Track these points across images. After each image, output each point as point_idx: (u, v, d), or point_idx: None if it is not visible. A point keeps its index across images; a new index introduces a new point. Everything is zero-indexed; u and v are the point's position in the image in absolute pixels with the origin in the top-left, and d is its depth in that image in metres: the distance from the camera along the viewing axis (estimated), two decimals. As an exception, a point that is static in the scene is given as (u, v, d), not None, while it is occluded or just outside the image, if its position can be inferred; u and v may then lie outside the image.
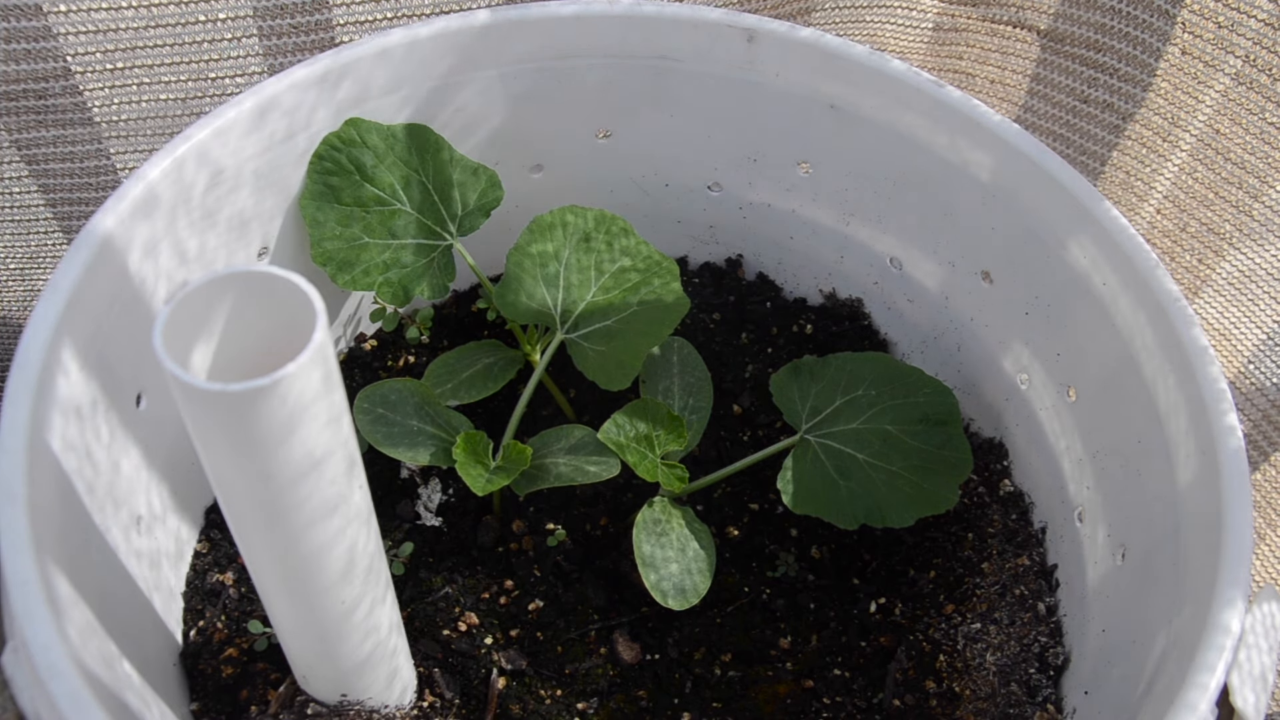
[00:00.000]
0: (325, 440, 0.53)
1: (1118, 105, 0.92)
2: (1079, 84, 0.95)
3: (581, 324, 0.86)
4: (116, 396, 0.70)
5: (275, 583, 0.63)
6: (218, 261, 0.79)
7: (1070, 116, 0.97)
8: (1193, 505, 0.68)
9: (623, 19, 0.86)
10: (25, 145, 0.92)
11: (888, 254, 0.95)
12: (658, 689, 0.81)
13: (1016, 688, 0.78)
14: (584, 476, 0.80)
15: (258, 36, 0.89)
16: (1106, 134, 0.95)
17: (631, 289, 0.86)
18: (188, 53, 0.89)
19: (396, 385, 0.83)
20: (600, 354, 0.84)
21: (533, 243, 0.87)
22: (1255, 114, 0.84)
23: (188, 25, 0.87)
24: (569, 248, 0.87)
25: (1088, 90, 0.94)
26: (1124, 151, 0.94)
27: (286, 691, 0.75)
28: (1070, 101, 0.96)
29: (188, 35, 0.88)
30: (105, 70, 0.87)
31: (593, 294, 0.86)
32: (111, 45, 0.86)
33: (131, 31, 0.86)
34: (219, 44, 0.89)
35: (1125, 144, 0.94)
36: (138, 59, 0.88)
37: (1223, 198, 0.89)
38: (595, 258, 0.87)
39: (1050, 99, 0.98)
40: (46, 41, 0.84)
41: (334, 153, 0.83)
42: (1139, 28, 0.88)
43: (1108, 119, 0.94)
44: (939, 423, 0.86)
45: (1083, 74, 0.94)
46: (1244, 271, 0.91)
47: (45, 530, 0.59)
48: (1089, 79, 0.93)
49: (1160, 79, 0.89)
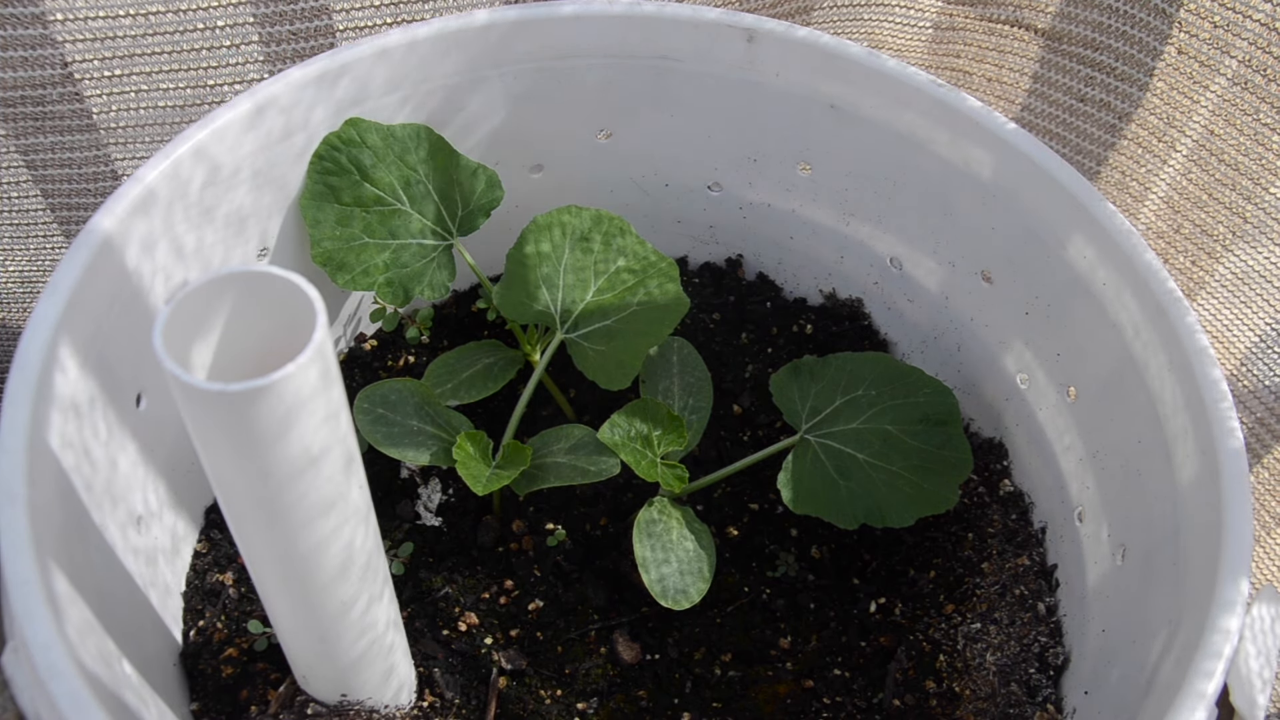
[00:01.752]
0: (323, 438, 0.53)
1: (1115, 105, 0.92)
2: (1076, 82, 0.95)
3: (581, 324, 0.86)
4: (116, 396, 0.70)
5: (274, 580, 0.63)
6: (215, 258, 0.79)
7: (1067, 115, 0.97)
8: (1193, 505, 0.68)
9: (623, 19, 0.86)
10: (24, 151, 0.92)
11: (888, 254, 0.95)
12: (658, 689, 0.81)
13: (1016, 688, 0.78)
14: (584, 476, 0.80)
15: (257, 43, 0.89)
16: (1104, 133, 0.95)
17: (630, 289, 0.86)
18: (186, 60, 0.89)
19: (396, 385, 0.83)
20: (600, 354, 0.84)
21: (531, 243, 0.87)
22: (1250, 115, 0.84)
23: (185, 33, 0.87)
24: (567, 248, 0.87)
25: (1084, 89, 0.94)
26: (1120, 151, 0.94)
27: (286, 691, 0.75)
28: (1068, 100, 0.96)
29: (186, 43, 0.88)
30: (103, 77, 0.88)
31: (591, 294, 0.86)
32: (109, 52, 0.87)
33: (129, 39, 0.86)
34: (217, 50, 0.89)
35: (1122, 144, 0.94)
36: (135, 66, 0.88)
37: (1217, 200, 0.89)
38: (593, 258, 0.87)
39: (1048, 97, 0.98)
40: (44, 49, 0.84)
41: (334, 152, 0.83)
42: (1137, 26, 0.88)
43: (1104, 118, 0.94)
44: (939, 423, 0.86)
45: (1080, 73, 0.94)
46: (1237, 274, 0.91)
47: (45, 530, 0.59)
48: (1086, 78, 0.93)
49: (1158, 79, 0.89)
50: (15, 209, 0.97)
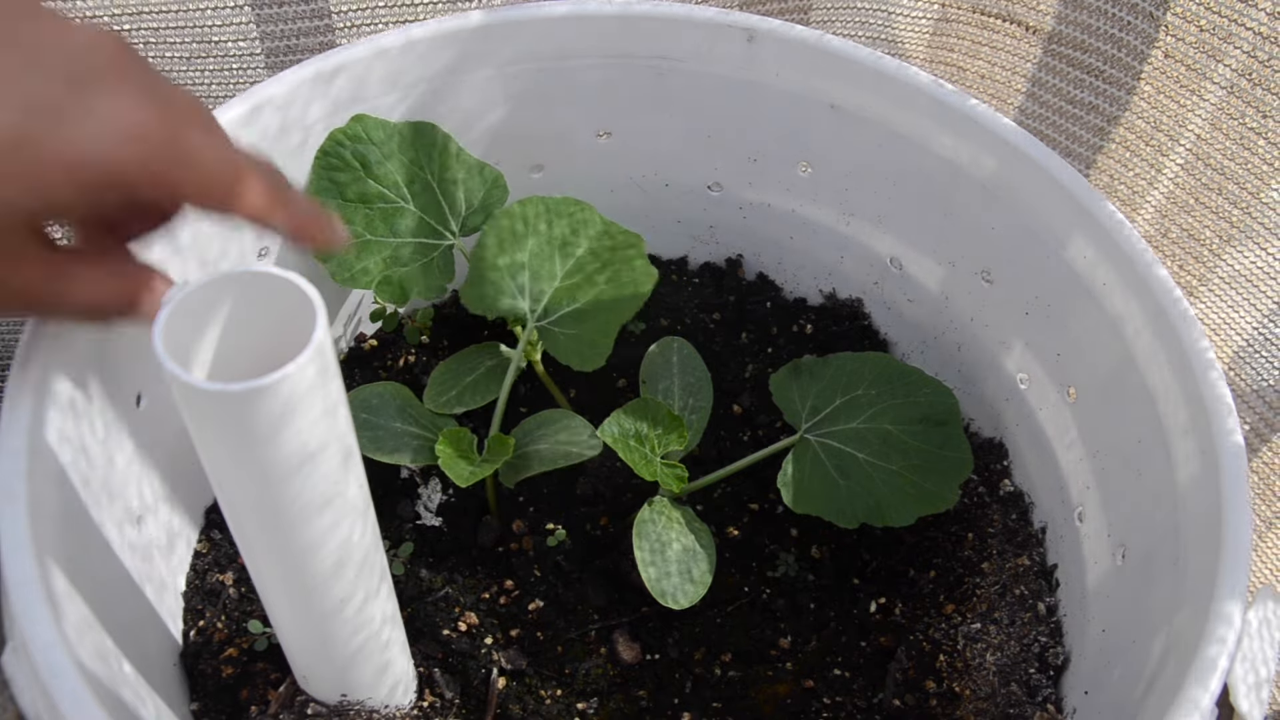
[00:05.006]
0: (321, 435, 0.53)
1: (1103, 107, 0.92)
2: (1068, 85, 0.94)
3: (551, 310, 0.86)
4: (116, 395, 0.70)
5: (272, 577, 0.63)
6: (211, 252, 0.79)
7: (1058, 117, 0.96)
8: (1193, 505, 0.68)
9: (622, 19, 0.86)
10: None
11: (888, 254, 0.95)
12: (658, 689, 0.81)
13: (1016, 688, 0.78)
14: (568, 458, 0.81)
15: (258, 50, 0.89)
16: (1093, 136, 0.94)
17: (598, 269, 0.86)
18: (181, 78, 0.89)
19: (378, 389, 0.84)
20: (571, 337, 0.85)
21: (493, 237, 0.87)
22: (1240, 120, 0.83)
23: (178, 45, 0.87)
24: (530, 238, 0.87)
25: (1074, 91, 0.94)
26: (1108, 155, 0.94)
27: (286, 691, 0.75)
28: (1059, 102, 0.96)
29: (180, 52, 0.88)
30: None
31: (559, 280, 0.86)
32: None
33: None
34: (217, 73, 0.89)
35: (1110, 147, 0.94)
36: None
37: (1204, 204, 0.89)
38: (557, 244, 0.87)
39: (1040, 98, 0.98)
40: None
41: (339, 148, 0.83)
42: (1126, 30, 0.88)
43: (1095, 121, 0.94)
44: (939, 423, 0.86)
45: (1071, 74, 0.93)
46: (1224, 278, 0.91)
47: (45, 530, 0.59)
48: (1077, 80, 0.93)
49: (1144, 82, 0.89)
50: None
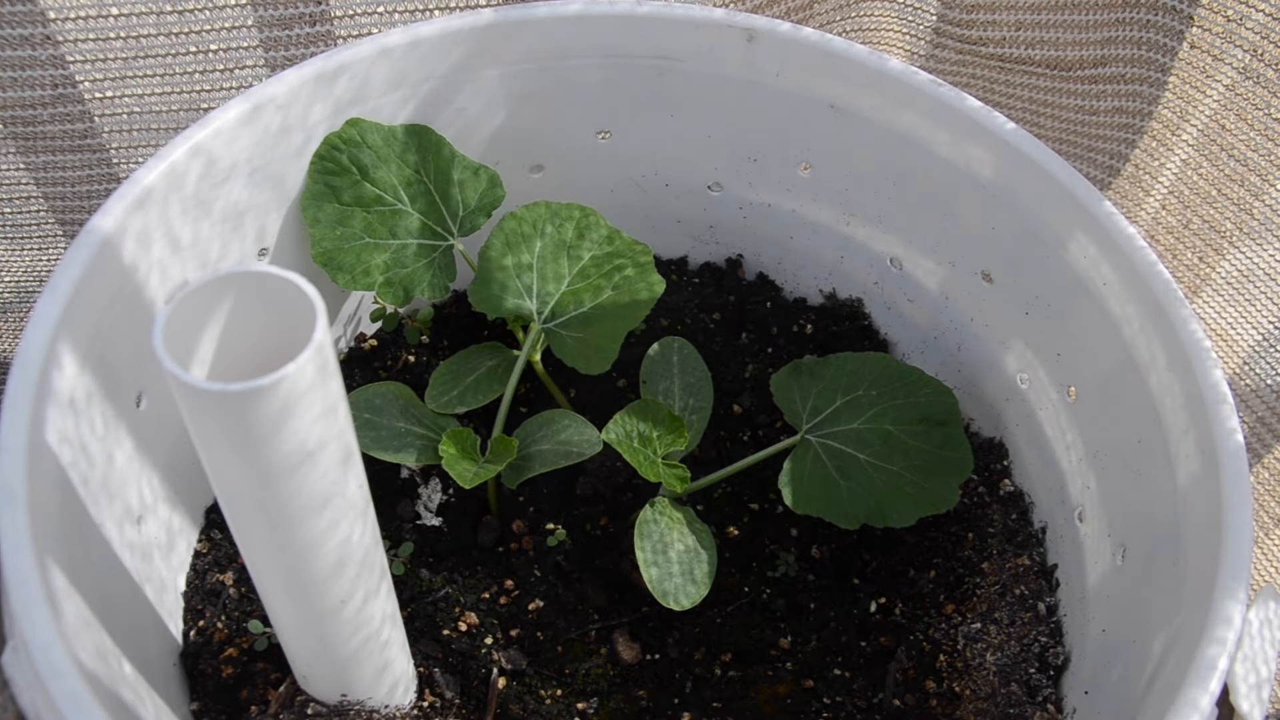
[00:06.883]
0: (320, 434, 0.53)
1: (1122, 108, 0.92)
2: (1074, 99, 0.94)
3: (558, 314, 0.86)
4: (116, 395, 0.71)
5: (272, 576, 0.63)
6: (212, 252, 0.79)
7: (1054, 120, 0.96)
8: (1193, 505, 0.68)
9: (623, 19, 0.86)
10: (16, 169, 0.92)
11: (888, 254, 0.95)
12: (658, 689, 0.81)
13: (1016, 688, 0.78)
14: (569, 458, 0.81)
15: (259, 56, 0.89)
16: (1087, 137, 0.94)
17: (604, 275, 0.86)
18: (178, 83, 0.89)
19: (380, 389, 0.84)
20: (578, 340, 0.85)
21: (501, 238, 0.87)
22: (1261, 109, 0.83)
23: (178, 56, 0.87)
24: (539, 240, 0.87)
25: (1083, 102, 0.94)
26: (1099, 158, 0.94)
27: (286, 691, 0.75)
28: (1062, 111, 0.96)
29: (178, 66, 0.88)
30: (94, 99, 0.88)
31: (566, 284, 0.87)
32: (100, 75, 0.87)
33: (120, 61, 0.87)
34: (210, 74, 0.89)
35: (1107, 146, 0.94)
36: (127, 89, 0.89)
37: (1225, 195, 0.88)
38: (566, 248, 0.87)
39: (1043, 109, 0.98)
40: (34, 70, 0.85)
41: (335, 152, 0.83)
42: (1144, 46, 0.88)
43: (1112, 124, 0.94)
44: (939, 423, 0.86)
45: (1080, 89, 0.93)
46: (1241, 272, 0.91)
47: (45, 530, 0.59)
48: (1090, 93, 0.93)
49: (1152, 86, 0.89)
50: (8, 224, 0.97)
